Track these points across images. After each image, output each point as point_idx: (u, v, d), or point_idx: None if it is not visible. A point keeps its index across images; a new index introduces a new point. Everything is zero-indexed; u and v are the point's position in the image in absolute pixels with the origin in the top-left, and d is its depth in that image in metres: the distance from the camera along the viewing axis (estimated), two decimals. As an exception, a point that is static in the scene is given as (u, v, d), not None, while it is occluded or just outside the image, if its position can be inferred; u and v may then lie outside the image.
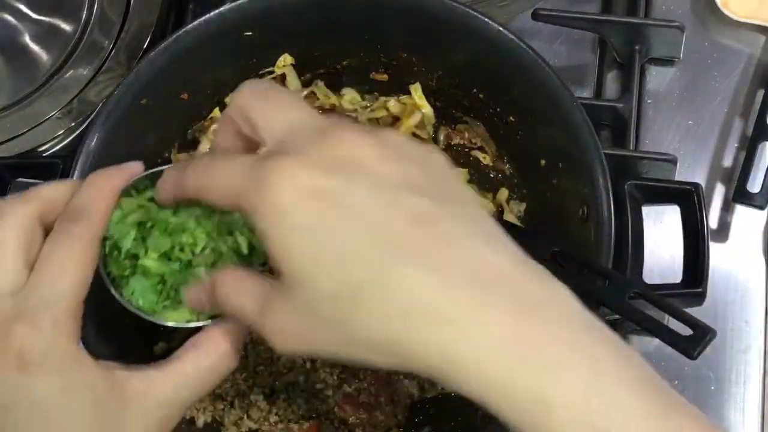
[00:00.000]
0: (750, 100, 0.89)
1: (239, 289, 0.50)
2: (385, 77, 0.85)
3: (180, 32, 0.77)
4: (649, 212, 0.75)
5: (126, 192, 0.56)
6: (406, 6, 0.77)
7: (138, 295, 0.56)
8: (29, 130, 0.87)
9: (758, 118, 0.84)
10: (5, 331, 0.49)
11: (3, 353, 0.49)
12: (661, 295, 0.67)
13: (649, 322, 0.63)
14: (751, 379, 0.80)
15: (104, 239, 0.54)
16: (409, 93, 0.85)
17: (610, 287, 0.65)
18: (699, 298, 0.71)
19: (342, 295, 0.44)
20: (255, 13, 0.78)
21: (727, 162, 0.87)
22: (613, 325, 0.53)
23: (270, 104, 0.50)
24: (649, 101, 0.89)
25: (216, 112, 0.83)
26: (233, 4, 0.77)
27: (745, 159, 0.82)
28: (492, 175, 0.84)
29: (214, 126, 0.82)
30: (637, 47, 0.88)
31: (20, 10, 0.94)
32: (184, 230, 0.55)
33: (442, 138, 0.86)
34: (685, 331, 0.62)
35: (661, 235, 0.83)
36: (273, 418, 0.75)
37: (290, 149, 0.46)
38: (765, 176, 0.80)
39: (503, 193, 0.83)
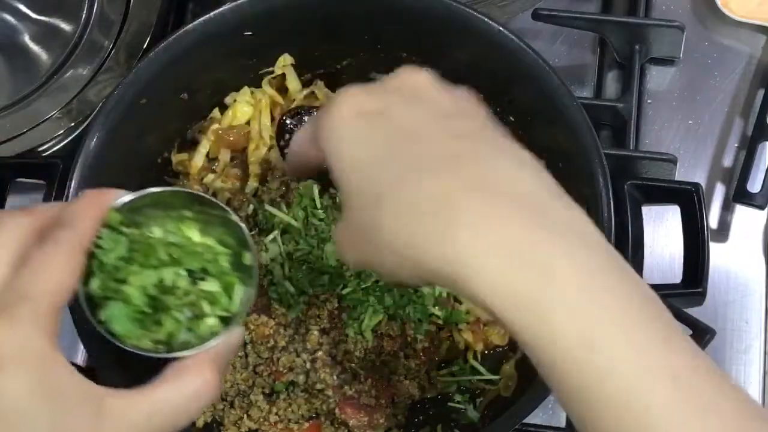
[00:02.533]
0: (750, 100, 0.88)
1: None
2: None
3: (180, 32, 0.77)
4: (649, 212, 0.75)
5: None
6: (406, 6, 0.77)
7: (114, 321, 0.54)
8: (29, 130, 0.87)
9: (758, 118, 0.84)
10: None
11: None
12: (661, 295, 0.67)
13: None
14: (751, 379, 0.80)
15: (91, 257, 0.53)
16: (409, 93, 0.85)
17: (610, 287, 0.65)
18: (699, 298, 0.71)
19: (371, 197, 0.47)
20: (255, 13, 0.78)
21: (727, 162, 0.87)
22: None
23: None
24: (649, 101, 0.89)
25: (216, 112, 0.83)
26: (233, 4, 0.77)
27: (745, 159, 0.82)
28: (492, 175, 0.84)
29: (214, 126, 0.82)
30: (637, 47, 0.88)
31: (20, 10, 0.94)
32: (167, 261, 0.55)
33: (442, 138, 0.86)
34: (685, 331, 0.62)
35: (661, 235, 0.83)
36: (273, 418, 0.75)
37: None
38: (765, 176, 0.80)
39: (503, 193, 0.83)
